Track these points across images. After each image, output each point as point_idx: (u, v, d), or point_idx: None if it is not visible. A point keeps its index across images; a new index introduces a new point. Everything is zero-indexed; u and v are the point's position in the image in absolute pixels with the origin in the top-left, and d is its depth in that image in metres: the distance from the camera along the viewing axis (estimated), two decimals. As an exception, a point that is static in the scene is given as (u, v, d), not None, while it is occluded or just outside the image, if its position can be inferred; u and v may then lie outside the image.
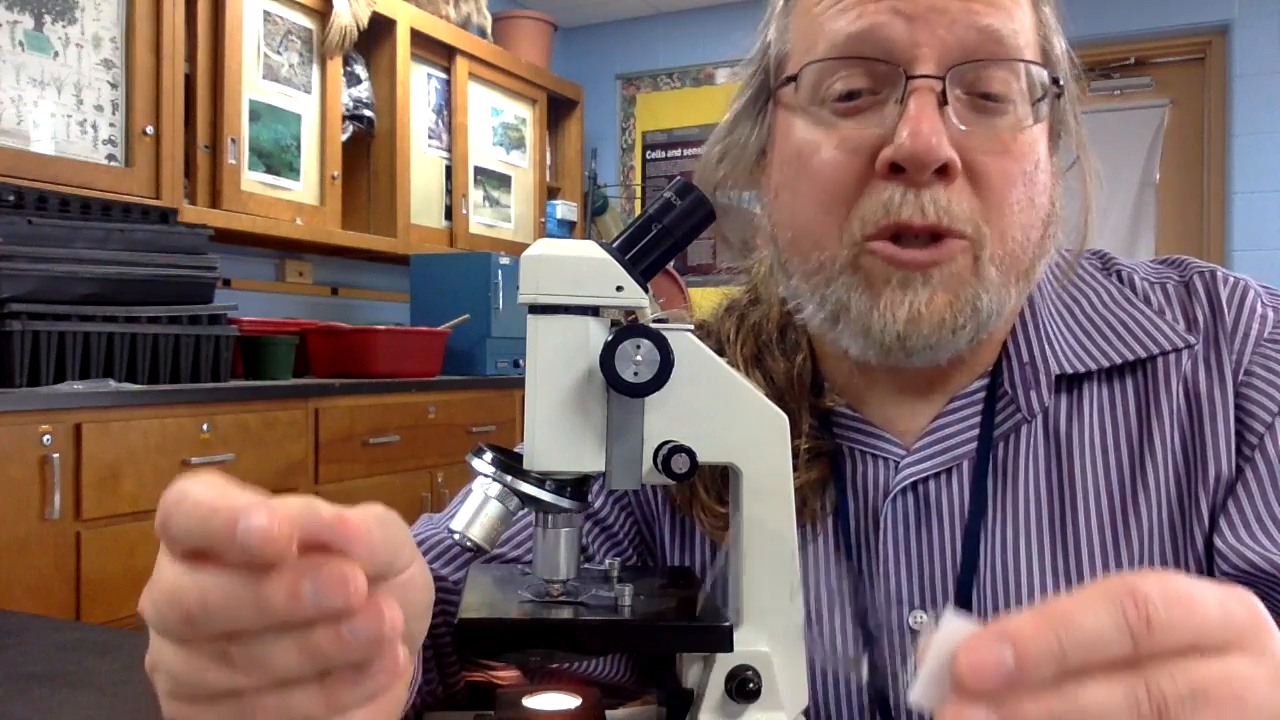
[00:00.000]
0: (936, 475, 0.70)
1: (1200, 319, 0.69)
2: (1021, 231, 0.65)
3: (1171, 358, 0.68)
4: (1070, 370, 0.69)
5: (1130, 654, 0.32)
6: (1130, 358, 0.69)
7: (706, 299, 0.85)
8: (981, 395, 0.71)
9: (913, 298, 0.63)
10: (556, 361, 0.54)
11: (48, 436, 1.95)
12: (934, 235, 0.62)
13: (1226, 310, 0.69)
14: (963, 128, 0.62)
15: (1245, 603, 0.34)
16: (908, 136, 0.60)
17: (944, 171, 0.61)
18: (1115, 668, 0.32)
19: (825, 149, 0.65)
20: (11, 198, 2.16)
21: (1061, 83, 0.67)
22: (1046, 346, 0.70)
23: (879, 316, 0.63)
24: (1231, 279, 0.71)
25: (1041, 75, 0.65)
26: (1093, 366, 0.69)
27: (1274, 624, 0.35)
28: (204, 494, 0.37)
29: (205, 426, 2.27)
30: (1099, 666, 0.32)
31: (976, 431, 0.70)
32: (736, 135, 0.73)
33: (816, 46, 0.66)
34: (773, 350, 0.75)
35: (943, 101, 0.61)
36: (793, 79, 0.67)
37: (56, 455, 1.95)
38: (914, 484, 0.70)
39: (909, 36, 0.62)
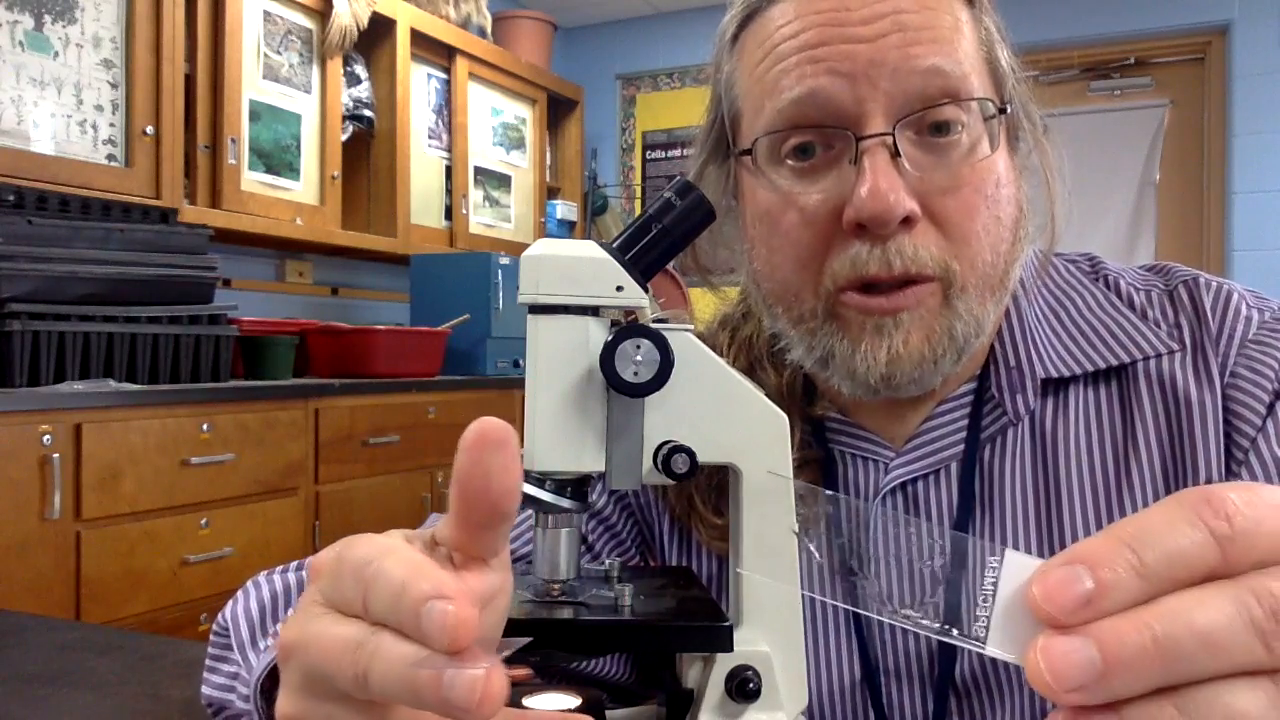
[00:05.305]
0: (925, 476, 0.71)
1: (1185, 326, 0.70)
2: (991, 252, 0.65)
3: (1152, 362, 0.69)
4: (1055, 374, 0.70)
5: (1219, 562, 0.29)
6: (1114, 362, 0.69)
7: (706, 300, 0.85)
8: (969, 399, 0.72)
9: (889, 341, 0.65)
10: (556, 361, 0.54)
11: (48, 436, 1.95)
12: (905, 279, 0.64)
13: (1211, 316, 0.69)
14: (918, 174, 0.63)
15: None
16: (866, 197, 0.61)
17: (907, 221, 0.63)
18: (1207, 579, 0.29)
19: (790, 213, 0.66)
20: (11, 198, 2.16)
21: (1009, 102, 0.67)
22: (1032, 350, 0.71)
23: (861, 361, 0.65)
24: (1215, 284, 0.71)
25: (988, 105, 0.65)
26: (1077, 371, 0.70)
27: None
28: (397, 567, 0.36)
29: (205, 426, 2.27)
30: (1187, 580, 0.29)
31: (964, 434, 0.71)
32: (707, 185, 0.74)
33: (763, 111, 0.67)
34: (764, 363, 0.77)
35: (895, 153, 0.63)
36: (748, 152, 0.68)
37: (56, 455, 1.96)
38: (902, 485, 0.71)
39: (852, 95, 0.63)
